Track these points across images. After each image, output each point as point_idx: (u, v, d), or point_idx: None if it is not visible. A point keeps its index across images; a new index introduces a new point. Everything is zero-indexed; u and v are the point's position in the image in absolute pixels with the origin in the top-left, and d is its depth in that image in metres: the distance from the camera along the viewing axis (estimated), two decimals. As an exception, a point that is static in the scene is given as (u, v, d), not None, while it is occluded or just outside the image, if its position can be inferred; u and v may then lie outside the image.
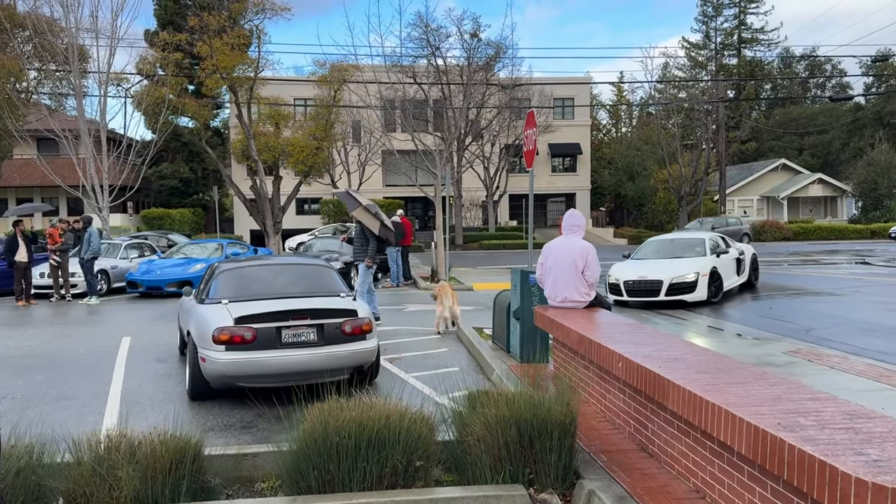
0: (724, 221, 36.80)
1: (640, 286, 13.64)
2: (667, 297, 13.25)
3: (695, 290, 13.26)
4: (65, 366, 8.64)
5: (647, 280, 13.58)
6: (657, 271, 13.68)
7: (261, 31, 23.85)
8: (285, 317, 6.60)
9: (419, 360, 8.68)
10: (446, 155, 20.71)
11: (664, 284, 13.31)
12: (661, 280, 13.35)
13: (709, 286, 13.40)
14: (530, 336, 7.81)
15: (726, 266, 14.34)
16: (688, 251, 14.55)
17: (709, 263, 13.72)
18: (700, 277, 13.34)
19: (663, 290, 13.30)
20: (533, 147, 9.83)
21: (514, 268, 8.16)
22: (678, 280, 13.34)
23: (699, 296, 13.28)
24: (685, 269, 13.53)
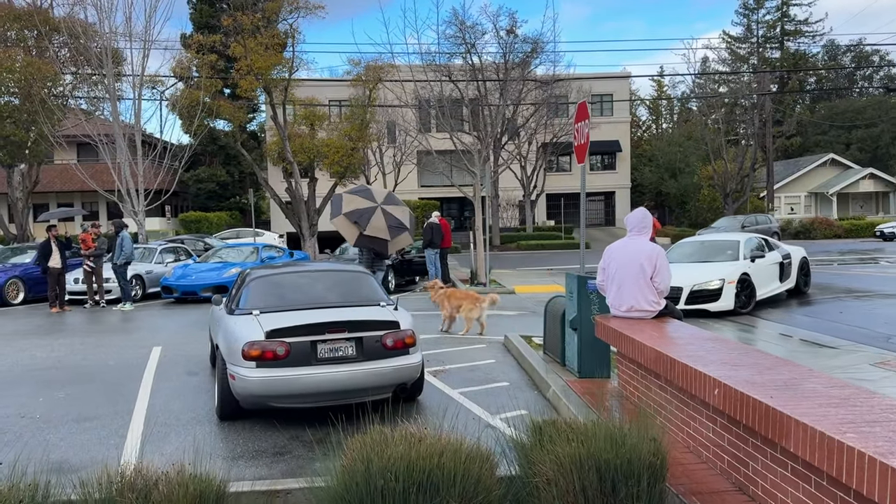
0: (754, 219, 35.01)
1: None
2: (687, 305, 11.85)
3: (719, 298, 11.98)
4: (91, 379, 8.16)
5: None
6: (679, 277, 12.39)
7: (295, 30, 23.46)
8: (321, 329, 5.98)
9: (465, 374, 8.00)
10: (485, 153, 19.97)
11: (684, 292, 12.00)
12: (680, 287, 11.94)
13: (738, 295, 12.10)
14: (589, 348, 7.07)
15: (763, 272, 12.90)
16: (719, 254, 13.21)
17: (738, 269, 12.37)
18: (726, 285, 12.02)
19: (683, 297, 11.97)
20: (585, 141, 9.07)
21: (570, 273, 7.42)
22: (700, 287, 12.05)
23: (724, 305, 11.99)
24: (709, 275, 12.24)
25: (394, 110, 35.73)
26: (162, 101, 23.82)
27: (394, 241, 11.01)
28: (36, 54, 22.73)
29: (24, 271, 16.95)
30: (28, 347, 10.42)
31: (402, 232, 11.31)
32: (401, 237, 11.32)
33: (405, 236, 11.44)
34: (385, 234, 10.79)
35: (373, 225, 10.72)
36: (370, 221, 10.74)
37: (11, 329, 12.62)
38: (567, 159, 49.71)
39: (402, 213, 11.48)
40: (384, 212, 11.05)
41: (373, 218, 10.80)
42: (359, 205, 11.02)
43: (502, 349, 9.39)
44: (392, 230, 11.06)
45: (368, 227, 10.67)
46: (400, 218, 11.30)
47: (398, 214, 11.33)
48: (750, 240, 13.75)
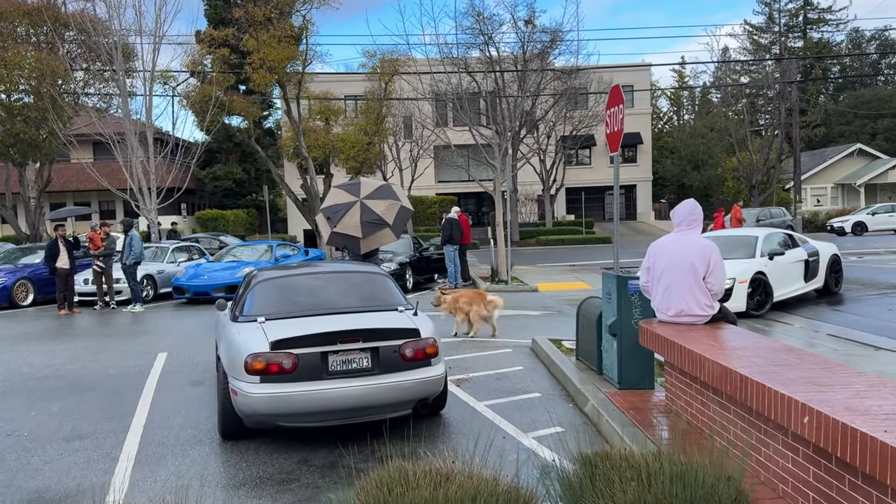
0: (769, 213, 33.51)
1: None
2: None
3: (728, 298, 10.83)
4: (88, 390, 7.60)
5: None
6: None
7: (308, 21, 22.85)
8: (332, 339, 5.34)
9: (491, 383, 7.33)
10: (505, 146, 19.26)
11: None
12: None
13: (751, 295, 11.08)
14: (631, 356, 6.37)
15: (783, 270, 11.80)
16: (734, 251, 11.91)
17: (753, 267, 11.29)
18: (737, 284, 10.92)
19: None
20: (619, 128, 8.34)
21: (607, 272, 6.72)
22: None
23: (734, 306, 10.79)
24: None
25: (410, 105, 35.08)
26: (174, 96, 23.36)
27: (367, 240, 9.79)
28: (46, 51, 22.33)
29: (33, 272, 16.51)
30: (29, 353, 9.91)
31: (380, 229, 9.88)
32: (377, 235, 9.89)
33: (384, 234, 9.99)
34: (356, 232, 9.66)
35: (344, 222, 9.64)
36: (343, 218, 9.65)
37: (16, 332, 12.14)
38: (587, 153, 48.78)
39: (386, 208, 10.04)
40: (363, 207, 9.83)
41: (347, 214, 9.66)
42: (338, 199, 9.98)
43: (530, 354, 8.71)
44: (366, 227, 9.75)
45: (340, 224, 9.60)
46: (381, 213, 9.88)
47: (380, 209, 9.93)
48: (770, 235, 12.57)
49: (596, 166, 48.88)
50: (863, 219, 36.35)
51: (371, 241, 9.90)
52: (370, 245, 9.95)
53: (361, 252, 10.03)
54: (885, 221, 36.05)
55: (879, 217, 36.40)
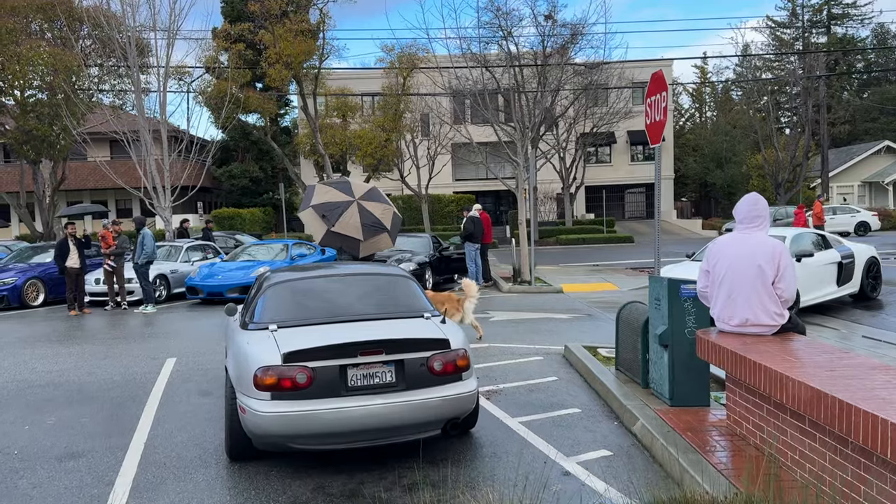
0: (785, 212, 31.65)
1: None
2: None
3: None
4: (89, 400, 7.07)
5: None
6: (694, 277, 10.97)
7: (326, 14, 22.31)
8: (352, 350, 4.74)
9: (524, 395, 6.70)
10: (527, 142, 18.58)
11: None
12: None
13: None
14: (684, 370, 5.72)
15: (811, 273, 10.92)
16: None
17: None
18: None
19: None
20: (662, 118, 7.69)
21: (654, 275, 6.07)
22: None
23: None
24: None
25: (428, 102, 34.50)
26: (189, 92, 22.93)
27: (368, 243, 8.97)
28: (59, 46, 21.99)
29: (44, 271, 16.10)
30: (30, 358, 9.42)
31: (380, 233, 9.10)
32: (377, 239, 9.08)
33: (383, 238, 9.20)
34: (357, 234, 8.85)
35: (344, 221, 8.78)
36: (341, 217, 8.77)
37: (22, 335, 11.69)
38: (607, 150, 47.95)
39: (382, 212, 9.32)
40: (360, 208, 9.05)
41: (345, 213, 8.80)
42: (332, 197, 9.01)
43: (563, 363, 8.07)
44: (367, 229, 8.96)
45: (338, 224, 8.73)
46: (379, 217, 9.12)
47: (377, 213, 9.18)
48: (800, 236, 11.67)
49: (616, 164, 48.04)
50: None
51: (370, 246, 9.03)
52: (369, 249, 9.08)
53: (360, 255, 8.98)
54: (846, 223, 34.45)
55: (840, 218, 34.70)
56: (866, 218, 34.70)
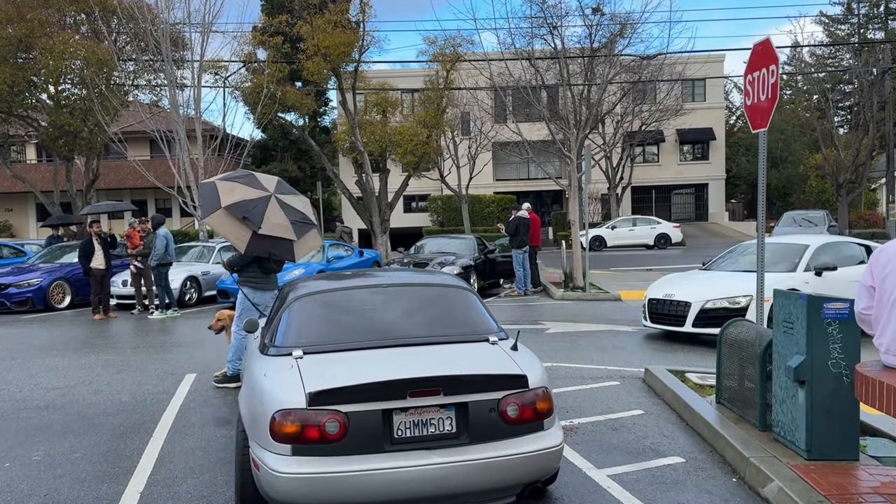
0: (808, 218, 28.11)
1: (662, 309, 9.56)
2: (694, 328, 9.16)
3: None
4: (89, 428, 6.03)
5: (673, 301, 9.43)
6: (688, 290, 9.49)
7: (366, 3, 21.25)
8: (400, 390, 3.57)
9: (606, 435, 5.44)
10: (583, 136, 17.23)
11: (691, 310, 9.17)
12: (688, 303, 9.22)
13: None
14: (827, 414, 4.40)
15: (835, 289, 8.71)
16: (776, 263, 9.67)
17: (779, 284, 8.66)
18: (753, 303, 8.73)
19: (690, 317, 9.17)
20: (770, 96, 6.34)
21: (782, 290, 4.76)
22: (714, 305, 9.07)
23: None
24: (731, 290, 9.14)
25: (469, 101, 33.31)
26: (225, 87, 22.13)
27: (302, 242, 7.37)
28: (92, 39, 21.42)
29: (70, 272, 15.34)
30: (38, 371, 8.48)
31: (310, 229, 7.50)
32: (308, 236, 7.46)
33: (313, 235, 7.58)
34: (289, 234, 7.21)
35: (270, 221, 7.11)
36: (265, 217, 7.10)
37: (39, 341, 10.82)
38: (655, 149, 46.12)
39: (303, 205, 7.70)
40: (281, 203, 7.37)
41: (268, 211, 7.13)
42: (244, 194, 7.21)
43: (645, 390, 6.77)
44: (297, 227, 7.30)
45: (264, 225, 7.04)
46: (303, 210, 7.53)
47: (299, 206, 7.55)
48: (828, 245, 10.08)
49: (664, 163, 46.20)
50: (602, 233, 32.46)
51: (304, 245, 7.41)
52: (305, 249, 7.46)
53: (297, 259, 7.37)
54: (625, 236, 32.49)
55: (619, 231, 32.73)
56: (667, 230, 32.40)
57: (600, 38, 34.62)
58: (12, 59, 21.32)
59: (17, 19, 20.73)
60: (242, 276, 7.39)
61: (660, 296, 9.76)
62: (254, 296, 7.35)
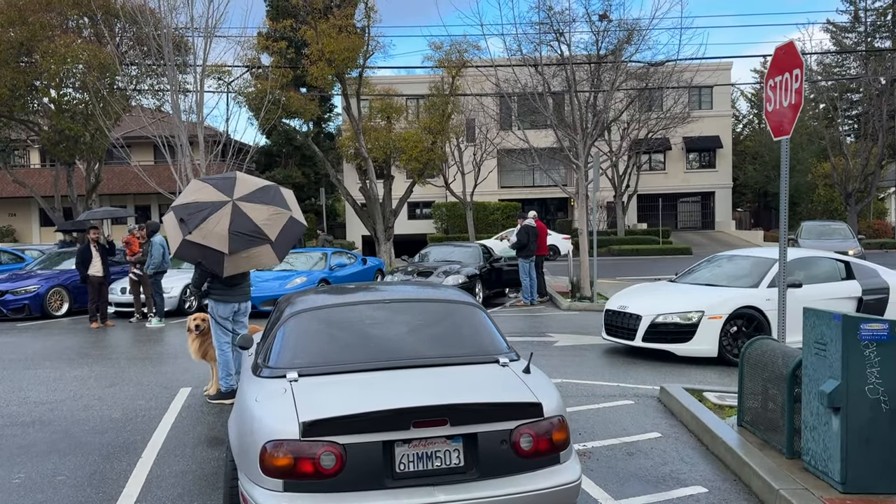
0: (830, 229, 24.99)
1: (617, 321, 9.25)
2: (644, 342, 8.84)
3: (692, 337, 8.54)
4: (75, 448, 5.72)
5: (625, 314, 9.12)
6: (640, 303, 9.15)
7: (371, 8, 21.02)
8: (402, 420, 3.26)
9: (622, 462, 5.12)
10: (590, 143, 16.93)
11: (641, 323, 8.84)
12: (639, 316, 8.89)
13: (734, 336, 8.54)
14: (864, 444, 4.08)
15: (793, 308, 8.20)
16: (740, 278, 9.34)
17: (736, 300, 8.67)
18: (706, 320, 8.49)
19: (640, 330, 8.84)
20: (794, 102, 6.04)
21: (815, 309, 4.43)
22: (664, 320, 8.72)
23: (699, 348, 8.53)
24: (684, 304, 8.79)
25: (474, 108, 33.05)
26: (228, 92, 21.90)
27: (236, 258, 6.60)
28: (95, 43, 21.23)
29: (69, 279, 15.04)
30: (28, 383, 8.19)
31: (257, 244, 6.67)
32: (252, 253, 6.68)
33: (260, 252, 6.75)
34: (221, 245, 6.49)
35: (206, 229, 6.49)
36: (204, 223, 6.51)
37: (31, 351, 10.53)
38: (661, 157, 45.80)
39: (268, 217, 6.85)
40: (235, 210, 6.70)
41: (210, 219, 6.53)
42: (203, 196, 6.73)
43: (661, 410, 6.44)
44: (235, 239, 6.55)
45: (196, 231, 6.48)
46: (259, 224, 6.71)
47: (260, 218, 6.75)
48: (799, 261, 9.41)
49: (671, 171, 45.88)
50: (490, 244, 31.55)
51: (239, 262, 6.64)
52: (238, 267, 6.72)
53: (224, 274, 6.65)
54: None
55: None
56: (556, 241, 31.28)
57: (607, 45, 34.44)
58: (14, 62, 21.13)
59: (19, 22, 20.56)
60: (209, 286, 7.07)
61: (615, 308, 9.47)
62: (215, 308, 7.04)
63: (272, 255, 6.81)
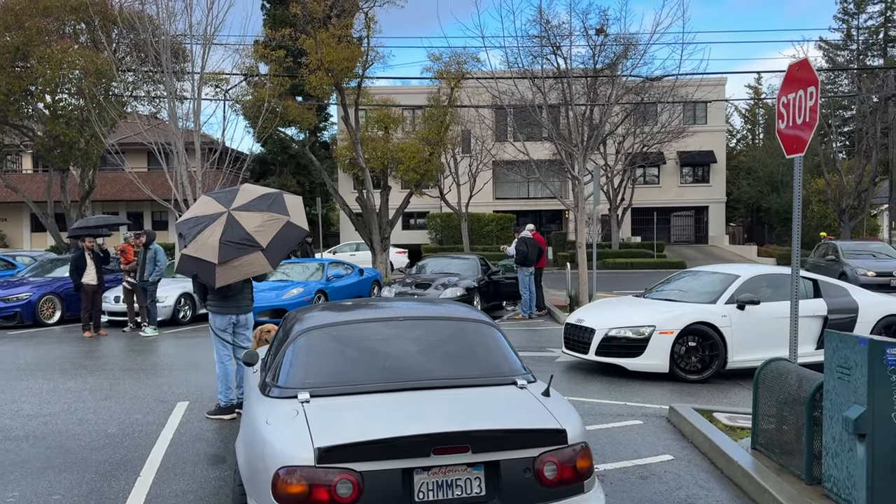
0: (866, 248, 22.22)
1: (574, 335, 9.23)
2: (597, 356, 8.78)
3: (642, 352, 8.48)
4: (71, 465, 5.55)
5: (581, 327, 9.10)
6: (596, 317, 9.15)
7: (371, 19, 20.98)
8: (423, 446, 3.13)
9: (636, 486, 4.99)
10: (589, 155, 16.91)
11: (595, 337, 8.78)
12: (593, 329, 8.85)
13: (686, 352, 8.46)
14: (890, 471, 3.97)
15: (759, 326, 8.60)
16: (701, 294, 9.23)
17: (689, 315, 8.56)
18: (657, 335, 8.43)
19: (594, 344, 8.78)
20: (808, 120, 5.97)
21: (839, 332, 4.33)
22: (617, 333, 8.66)
23: (649, 363, 8.46)
24: (638, 319, 8.74)
25: (472, 119, 33.04)
26: (225, 100, 21.78)
27: (227, 267, 6.46)
28: (91, 49, 21.08)
29: (61, 287, 14.86)
30: (21, 395, 8.00)
31: (248, 252, 6.55)
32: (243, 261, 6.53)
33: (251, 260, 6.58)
34: (212, 256, 6.41)
35: (200, 241, 6.48)
36: (199, 235, 6.51)
37: (24, 360, 10.33)
38: (655, 171, 45.92)
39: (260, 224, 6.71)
40: (229, 221, 6.64)
41: (205, 231, 6.52)
42: (204, 210, 6.76)
43: (671, 431, 6.33)
44: (226, 249, 6.45)
45: (192, 244, 6.48)
46: (251, 231, 6.60)
47: (252, 225, 6.65)
48: (760, 277, 9.19)
49: (665, 185, 46.04)
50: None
51: (230, 271, 6.50)
52: (230, 276, 6.56)
53: (217, 285, 6.50)
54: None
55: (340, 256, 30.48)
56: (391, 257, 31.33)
57: (603, 60, 34.53)
58: (9, 67, 20.94)
59: (16, 27, 20.39)
60: (208, 298, 6.98)
61: (573, 321, 9.44)
62: (213, 319, 6.96)
63: (264, 262, 6.62)
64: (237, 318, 7.07)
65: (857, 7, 51.91)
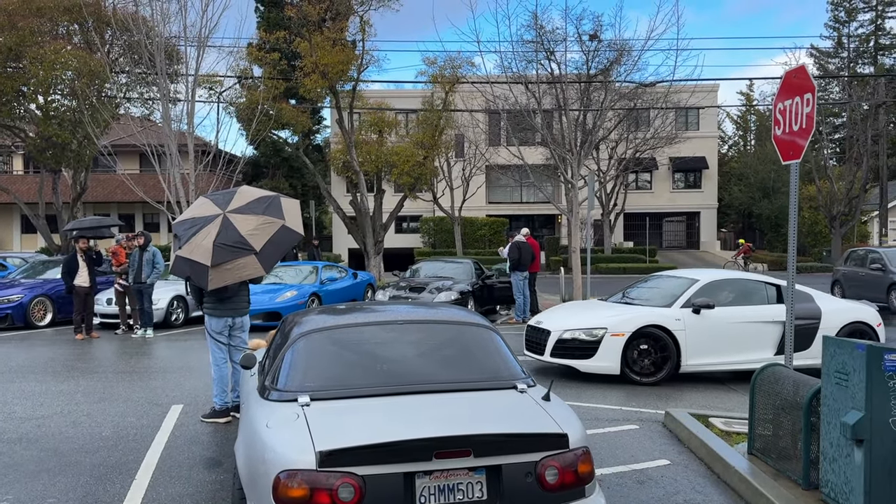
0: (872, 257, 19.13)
1: (532, 337, 9.35)
2: (552, 357, 8.89)
3: (594, 354, 8.55)
4: (65, 468, 5.51)
5: (538, 329, 9.22)
6: (553, 319, 9.28)
7: (366, 22, 20.99)
8: (424, 450, 3.12)
9: (633, 491, 4.99)
10: (583, 161, 16.97)
11: (550, 338, 8.89)
12: (548, 331, 8.97)
13: (638, 355, 8.53)
14: (889, 476, 3.99)
15: (715, 330, 8.64)
16: (657, 297, 9.28)
17: (641, 318, 8.61)
18: (608, 337, 8.50)
19: (549, 346, 8.89)
20: (804, 127, 6.01)
21: (836, 338, 4.36)
22: (571, 335, 8.74)
23: (601, 365, 8.52)
24: (592, 321, 8.82)
25: (464, 123, 33.09)
26: (219, 103, 21.71)
27: (220, 270, 6.38)
28: (85, 50, 20.99)
29: (52, 288, 14.76)
30: (13, 397, 7.93)
31: (241, 255, 6.45)
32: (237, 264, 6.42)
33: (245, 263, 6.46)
34: (205, 258, 6.34)
35: (194, 243, 6.43)
36: (193, 237, 6.46)
37: (16, 363, 10.25)
38: (648, 176, 46.10)
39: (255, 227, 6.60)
40: (224, 223, 6.56)
41: (200, 233, 6.47)
42: (201, 212, 6.71)
43: (667, 435, 6.34)
44: (219, 251, 6.36)
45: (186, 246, 6.45)
46: (245, 234, 6.49)
47: (246, 228, 6.55)
48: (719, 283, 9.18)
49: (657, 191, 46.21)
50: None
51: (223, 274, 6.40)
52: (223, 279, 6.46)
53: (209, 287, 6.43)
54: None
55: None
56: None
57: (597, 65, 34.68)
58: (1, 67, 20.83)
59: (8, 27, 20.27)
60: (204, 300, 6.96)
61: (533, 323, 9.54)
62: (208, 322, 6.94)
63: (257, 265, 6.54)
64: (233, 320, 7.04)
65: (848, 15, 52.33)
